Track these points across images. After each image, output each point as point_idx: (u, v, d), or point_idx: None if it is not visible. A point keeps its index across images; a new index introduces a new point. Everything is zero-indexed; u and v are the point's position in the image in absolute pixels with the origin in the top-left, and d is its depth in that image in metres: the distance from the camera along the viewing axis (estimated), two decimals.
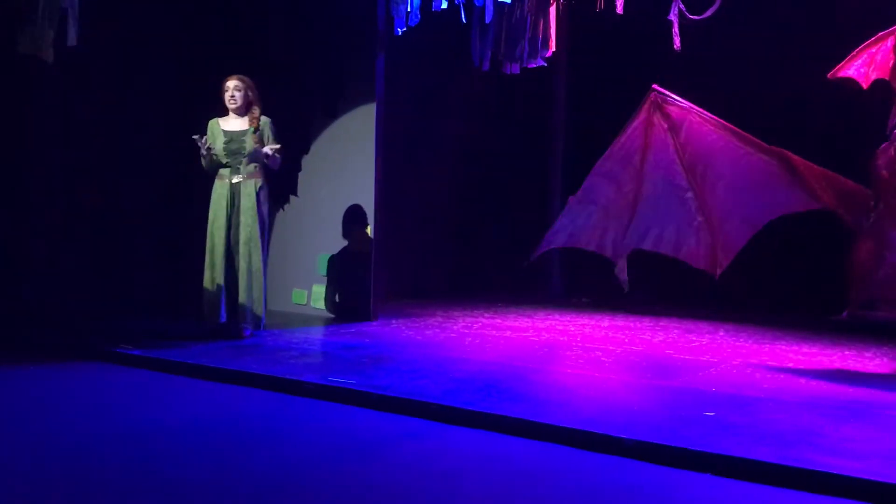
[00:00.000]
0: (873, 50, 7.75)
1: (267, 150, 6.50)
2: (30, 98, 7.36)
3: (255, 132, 6.56)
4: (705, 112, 7.70)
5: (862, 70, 7.78)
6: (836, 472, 3.63)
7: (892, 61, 7.54)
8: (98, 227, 7.79)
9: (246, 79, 6.65)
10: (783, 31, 8.48)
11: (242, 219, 6.53)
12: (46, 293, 7.40)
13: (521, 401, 4.77)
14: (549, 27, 7.97)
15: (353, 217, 7.78)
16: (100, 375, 5.63)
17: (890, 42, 7.52)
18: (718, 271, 7.80)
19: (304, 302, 8.06)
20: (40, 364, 5.87)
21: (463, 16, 7.36)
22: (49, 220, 7.53)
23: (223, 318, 6.53)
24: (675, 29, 7.26)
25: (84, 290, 7.61)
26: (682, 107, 7.64)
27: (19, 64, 6.57)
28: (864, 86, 7.80)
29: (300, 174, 8.16)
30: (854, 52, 7.80)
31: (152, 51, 8.03)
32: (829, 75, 7.82)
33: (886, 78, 7.64)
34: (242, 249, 6.52)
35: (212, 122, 6.66)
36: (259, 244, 6.55)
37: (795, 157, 7.73)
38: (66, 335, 6.64)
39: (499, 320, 7.93)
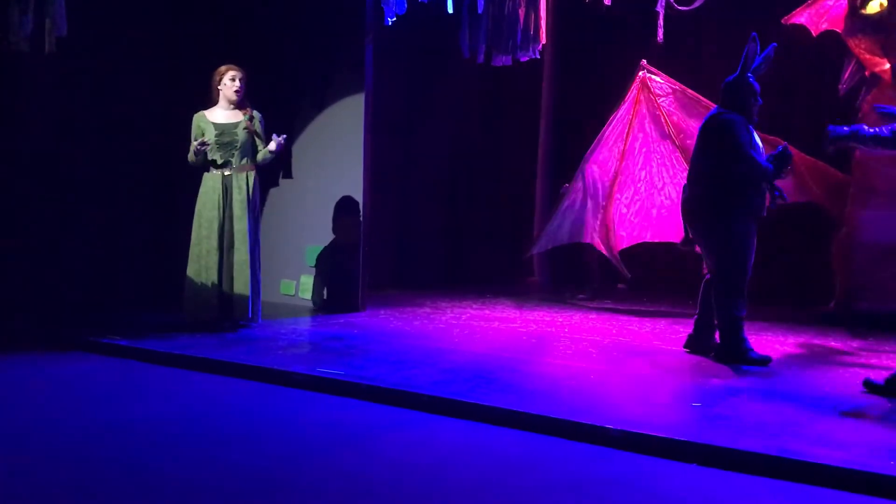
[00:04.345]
0: (829, 2, 7.83)
1: (274, 145, 6.52)
2: (20, 91, 7.32)
3: (242, 127, 6.53)
4: (699, 95, 7.76)
5: (814, 18, 7.85)
6: (820, 462, 3.66)
7: (845, 13, 7.60)
8: (88, 219, 7.76)
9: (243, 71, 6.63)
10: (772, 23, 8.51)
11: (235, 212, 6.49)
12: (35, 284, 7.38)
13: (509, 391, 4.79)
14: (540, 19, 7.98)
15: (342, 208, 7.78)
16: (87, 366, 5.62)
17: None
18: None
19: (293, 293, 8.06)
20: (27, 353, 5.86)
21: (450, 5, 7.32)
22: (38, 213, 7.49)
23: (214, 311, 6.48)
24: (661, 21, 7.28)
25: (74, 281, 7.59)
26: (673, 86, 7.71)
27: (9, 58, 6.53)
28: (814, 33, 7.88)
29: (289, 165, 8.15)
30: (808, 2, 7.88)
31: (138, 43, 7.98)
32: (783, 20, 7.92)
33: (838, 30, 7.70)
34: (237, 243, 6.47)
35: (197, 116, 6.58)
36: (250, 236, 6.51)
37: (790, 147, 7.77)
38: (55, 325, 6.62)
39: (487, 311, 7.95)
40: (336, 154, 7.82)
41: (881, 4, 7.38)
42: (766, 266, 8.78)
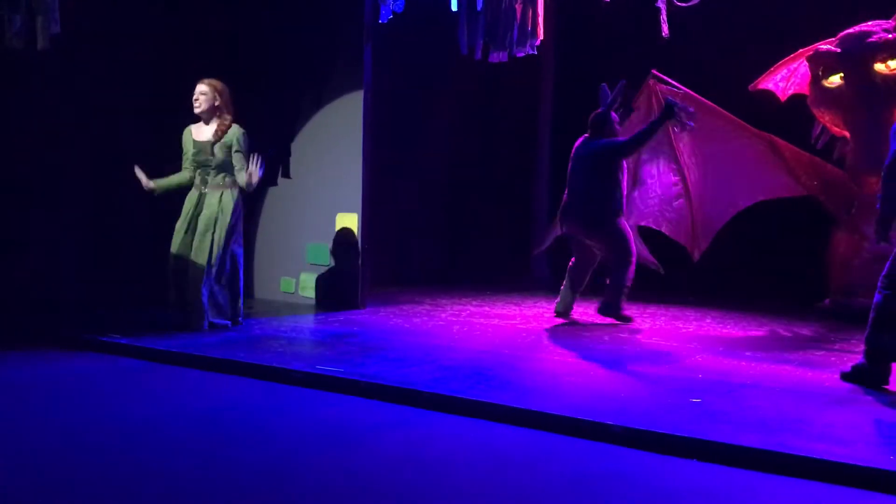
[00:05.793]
0: (794, 65, 7.78)
1: (245, 179, 6.41)
2: (15, 89, 7.31)
3: (213, 144, 6.42)
4: (699, 97, 7.73)
5: (780, 84, 7.84)
6: (820, 458, 3.66)
7: (809, 77, 7.58)
8: (89, 217, 7.76)
9: (216, 83, 6.50)
10: (770, 20, 8.51)
11: (199, 227, 6.44)
12: (35, 283, 7.37)
13: (509, 388, 4.79)
14: (538, 15, 7.96)
15: (341, 205, 7.77)
16: (87, 364, 5.62)
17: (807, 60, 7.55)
18: (697, 254, 7.90)
19: (292, 290, 8.06)
20: (26, 352, 5.85)
21: (454, 2, 7.34)
22: (41, 211, 7.49)
23: (176, 314, 6.45)
24: (664, 16, 7.26)
25: (73, 280, 7.59)
26: (678, 91, 7.68)
27: (2, 55, 6.51)
28: (782, 99, 7.87)
29: (288, 163, 8.14)
30: (774, 67, 7.84)
31: (134, 44, 7.96)
32: (749, 87, 7.87)
33: (805, 93, 7.68)
34: (195, 259, 6.39)
35: (186, 131, 6.61)
36: (212, 254, 6.38)
37: (783, 142, 7.80)
38: (54, 324, 6.62)
39: (486, 308, 7.95)
40: (336, 152, 7.81)
41: (841, 78, 7.31)
42: (761, 262, 8.82)
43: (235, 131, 6.47)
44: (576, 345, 6.22)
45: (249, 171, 6.40)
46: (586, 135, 7.24)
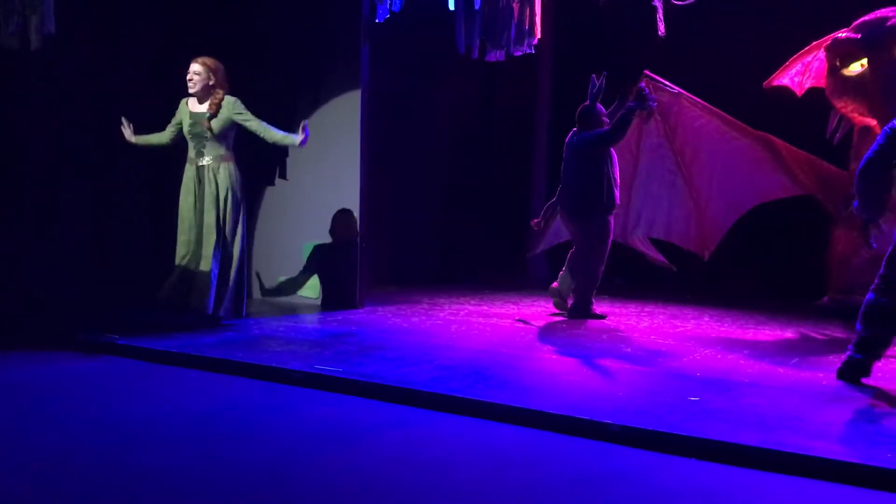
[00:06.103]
0: (808, 59, 7.72)
1: (300, 135, 6.53)
2: (15, 88, 7.30)
3: (210, 118, 6.45)
4: (694, 97, 7.73)
5: (796, 79, 7.77)
6: (818, 455, 3.68)
7: (825, 70, 7.54)
8: (89, 217, 7.75)
9: (210, 62, 6.53)
10: (768, 20, 8.51)
11: (205, 205, 6.47)
12: (31, 282, 7.37)
13: (507, 387, 4.80)
14: (535, 14, 7.97)
15: (339, 205, 7.78)
16: (87, 364, 5.62)
17: (822, 52, 7.52)
18: (707, 254, 7.92)
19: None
20: (23, 352, 5.84)
21: (451, 1, 7.35)
22: (41, 211, 7.48)
23: (177, 298, 6.45)
24: (660, 15, 7.27)
25: (70, 279, 7.58)
26: (673, 92, 7.68)
27: (1, 56, 6.51)
28: (799, 93, 7.83)
29: (285, 162, 8.14)
30: (788, 62, 7.78)
31: (132, 44, 7.95)
32: (764, 84, 7.83)
33: (822, 86, 7.64)
34: (204, 236, 6.45)
35: (182, 102, 6.64)
36: (219, 231, 6.43)
37: (780, 141, 7.80)
38: (51, 323, 6.61)
39: (485, 307, 7.96)
40: (333, 151, 7.81)
41: (862, 65, 7.22)
42: (759, 260, 8.83)
43: (230, 103, 6.49)
44: (574, 343, 6.22)
45: (302, 137, 6.54)
46: (575, 128, 7.33)
